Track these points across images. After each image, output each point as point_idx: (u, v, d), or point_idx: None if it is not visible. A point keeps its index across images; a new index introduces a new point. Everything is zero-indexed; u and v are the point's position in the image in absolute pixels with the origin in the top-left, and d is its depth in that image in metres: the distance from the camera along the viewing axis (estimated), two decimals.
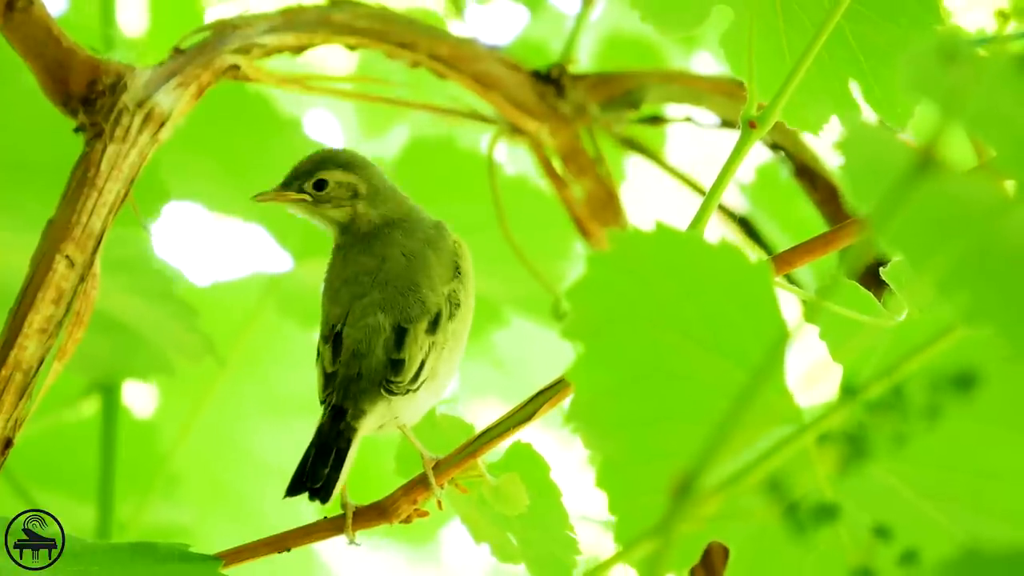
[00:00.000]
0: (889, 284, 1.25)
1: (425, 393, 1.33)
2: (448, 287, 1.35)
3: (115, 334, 1.85)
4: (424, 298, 1.33)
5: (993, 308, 0.79)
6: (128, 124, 1.48)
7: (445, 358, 1.34)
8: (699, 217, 1.24)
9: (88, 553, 1.24)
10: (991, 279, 0.79)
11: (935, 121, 0.80)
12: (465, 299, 1.36)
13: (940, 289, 0.79)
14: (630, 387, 0.92)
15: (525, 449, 1.33)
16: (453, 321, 1.34)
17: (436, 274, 1.35)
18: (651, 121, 1.97)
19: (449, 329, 1.33)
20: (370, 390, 1.31)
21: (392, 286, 1.34)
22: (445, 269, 1.36)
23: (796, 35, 1.31)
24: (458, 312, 1.34)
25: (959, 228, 0.80)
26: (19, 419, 1.37)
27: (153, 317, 1.82)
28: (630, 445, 0.93)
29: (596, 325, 0.91)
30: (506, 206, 1.81)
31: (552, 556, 1.32)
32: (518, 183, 2.06)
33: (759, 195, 2.13)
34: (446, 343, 1.33)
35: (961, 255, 0.79)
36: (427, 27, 1.74)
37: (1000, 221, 0.80)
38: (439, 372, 1.33)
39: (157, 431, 2.16)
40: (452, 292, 1.34)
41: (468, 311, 1.36)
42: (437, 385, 1.34)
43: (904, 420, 0.81)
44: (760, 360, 0.89)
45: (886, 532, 0.85)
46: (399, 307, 1.33)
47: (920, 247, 0.80)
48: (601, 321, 0.91)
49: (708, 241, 0.93)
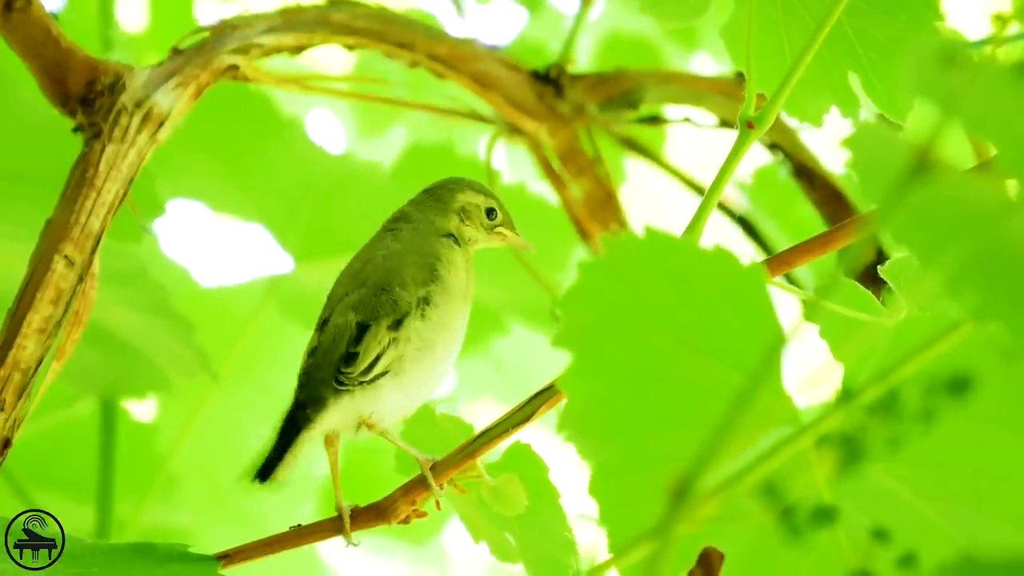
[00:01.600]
0: (888, 283, 1.25)
1: (391, 390, 1.35)
2: (423, 290, 1.37)
3: (112, 348, 1.85)
4: (396, 297, 1.36)
5: (1001, 307, 0.79)
6: (127, 124, 1.48)
7: (414, 356, 1.35)
8: (698, 217, 1.24)
9: (87, 553, 1.24)
10: (998, 278, 0.79)
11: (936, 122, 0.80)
12: (445, 303, 1.38)
13: (947, 288, 0.79)
14: (623, 394, 0.92)
15: (524, 450, 1.33)
16: (424, 321, 1.36)
17: (410, 278, 1.37)
18: (650, 121, 1.97)
19: (417, 328, 1.36)
20: (328, 383, 1.34)
21: (369, 286, 1.38)
22: (423, 273, 1.38)
23: (795, 27, 1.31)
24: (431, 313, 1.36)
25: (965, 227, 0.80)
26: (18, 419, 1.37)
27: (149, 331, 1.82)
28: (623, 453, 0.93)
29: (588, 333, 0.91)
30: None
31: (550, 557, 1.32)
32: (517, 190, 2.07)
33: (758, 195, 2.13)
34: (411, 341, 1.35)
35: (968, 254, 0.79)
36: (426, 27, 1.74)
37: (1006, 220, 0.80)
38: (406, 369, 1.35)
39: (156, 433, 2.16)
40: (427, 295, 1.37)
41: (449, 315, 1.38)
42: (407, 383, 1.36)
43: (899, 424, 0.81)
44: (756, 363, 0.89)
45: (884, 534, 0.85)
46: (370, 306, 1.36)
47: (927, 245, 0.80)
48: (593, 329, 0.91)
49: (701, 246, 0.92)
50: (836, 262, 1.66)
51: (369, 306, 1.36)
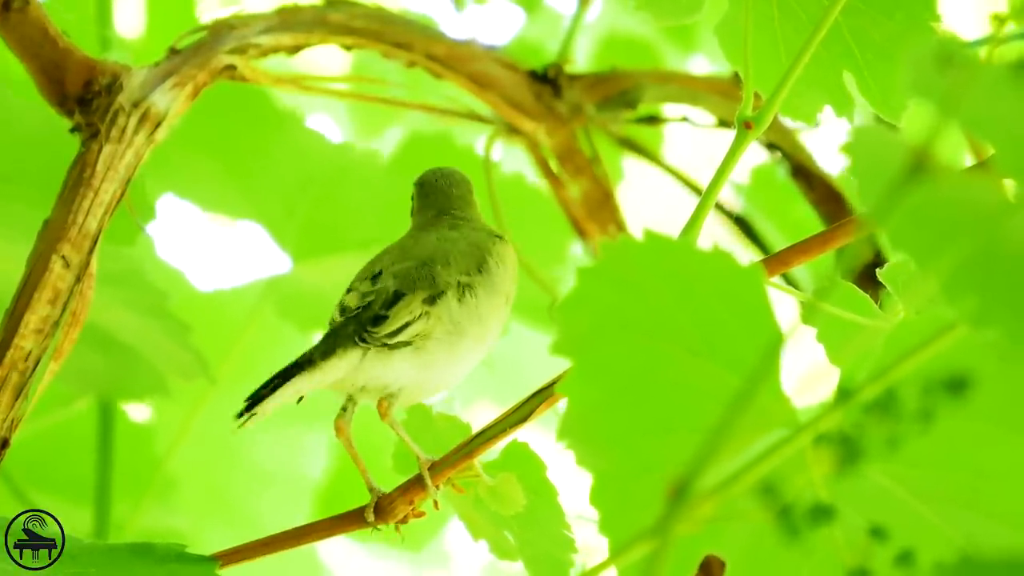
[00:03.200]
0: (885, 285, 1.25)
1: (406, 364, 1.35)
2: (466, 277, 1.38)
3: (109, 351, 1.85)
4: (436, 274, 1.37)
5: (998, 311, 0.79)
6: (124, 124, 1.48)
7: (441, 338, 1.36)
8: (695, 217, 1.24)
9: (86, 554, 1.24)
10: (996, 281, 0.79)
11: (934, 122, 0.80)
12: (487, 296, 1.39)
13: (945, 291, 0.79)
14: (623, 400, 0.92)
15: (521, 448, 1.33)
16: (461, 306, 1.37)
17: (456, 261, 1.39)
18: (648, 121, 1.97)
19: (452, 309, 1.36)
20: (350, 337, 1.35)
21: (413, 259, 1.39)
22: (469, 261, 1.39)
23: (791, 25, 1.31)
24: (469, 301, 1.37)
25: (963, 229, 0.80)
26: (15, 419, 1.38)
27: (146, 334, 1.82)
28: (624, 459, 0.92)
29: (587, 339, 0.91)
30: (502, 206, 1.81)
31: (549, 555, 1.32)
32: (514, 182, 2.06)
33: (755, 195, 2.13)
34: (443, 321, 1.36)
35: (965, 256, 0.79)
36: (423, 27, 1.74)
37: (1004, 222, 0.80)
38: (429, 348, 1.36)
39: (154, 434, 2.16)
40: (469, 282, 1.38)
41: (487, 310, 1.39)
42: (426, 361, 1.36)
43: (897, 423, 0.81)
44: (755, 364, 0.89)
45: (882, 533, 0.85)
46: (410, 278, 1.37)
47: (924, 248, 0.80)
48: (592, 335, 0.91)
49: (699, 247, 0.92)
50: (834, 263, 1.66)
51: (410, 277, 1.37)
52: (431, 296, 1.36)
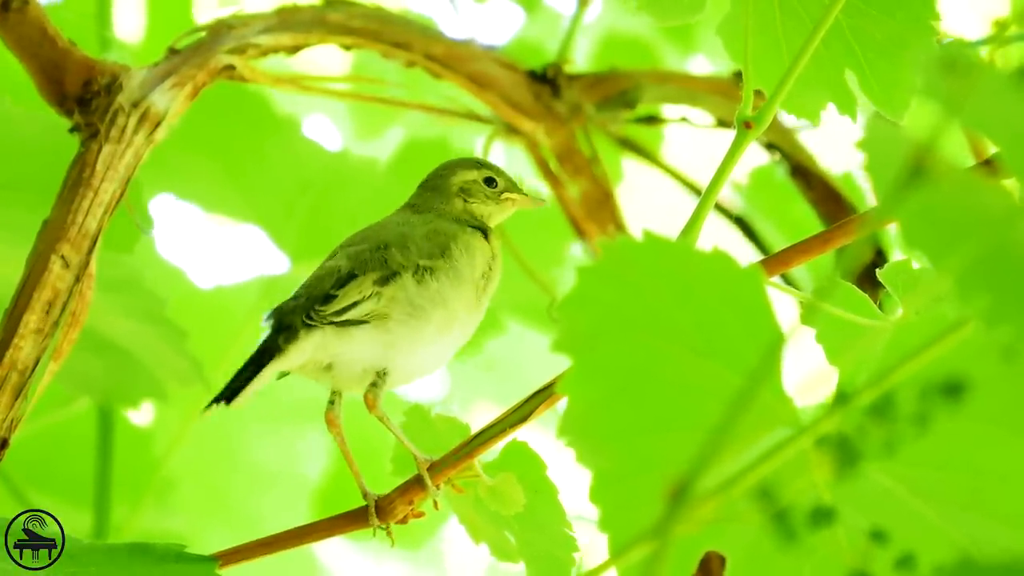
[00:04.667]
0: (885, 285, 1.25)
1: (367, 340, 1.37)
2: (427, 260, 1.40)
3: (108, 355, 1.85)
4: (389, 257, 1.40)
5: (1011, 309, 0.78)
6: (123, 124, 1.48)
7: (401, 319, 1.38)
8: (695, 217, 1.24)
9: (85, 554, 1.24)
10: (1008, 280, 0.79)
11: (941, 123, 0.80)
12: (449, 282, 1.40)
13: (957, 290, 0.79)
14: (624, 398, 0.92)
15: (521, 448, 1.33)
16: (420, 288, 1.39)
17: (416, 245, 1.41)
18: (647, 121, 1.97)
19: (409, 291, 1.38)
20: (296, 314, 1.38)
21: (370, 243, 1.42)
22: (432, 245, 1.41)
23: (792, 25, 1.31)
24: (430, 284, 1.39)
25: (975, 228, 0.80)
26: (15, 419, 1.37)
27: (144, 339, 1.82)
28: (624, 458, 0.92)
29: (587, 338, 0.91)
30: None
31: (550, 554, 1.32)
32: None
33: (755, 195, 2.13)
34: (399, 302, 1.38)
35: (978, 256, 0.79)
36: (422, 27, 1.74)
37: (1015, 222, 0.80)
38: (391, 328, 1.38)
39: (153, 436, 2.16)
40: (430, 265, 1.40)
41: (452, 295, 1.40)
42: (390, 340, 1.38)
43: (895, 427, 0.81)
44: (755, 364, 0.88)
45: (883, 535, 0.85)
46: (362, 260, 1.40)
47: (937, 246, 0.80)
48: (593, 334, 0.91)
49: (698, 248, 0.92)
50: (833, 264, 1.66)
51: (362, 259, 1.40)
52: (383, 277, 1.38)
